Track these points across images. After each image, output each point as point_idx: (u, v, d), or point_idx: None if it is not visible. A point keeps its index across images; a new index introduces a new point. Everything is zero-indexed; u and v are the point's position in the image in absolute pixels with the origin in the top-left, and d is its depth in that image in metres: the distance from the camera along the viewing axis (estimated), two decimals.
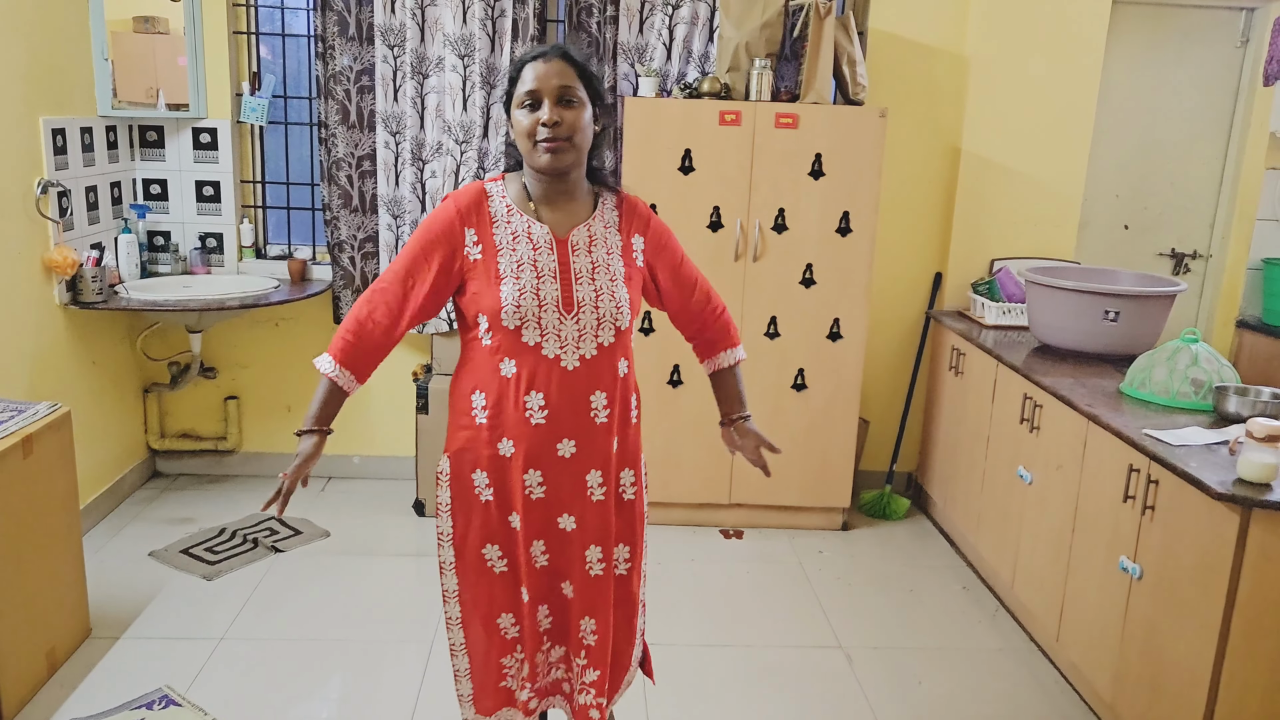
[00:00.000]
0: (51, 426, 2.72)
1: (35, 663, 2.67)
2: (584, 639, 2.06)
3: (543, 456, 1.94)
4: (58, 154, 3.42)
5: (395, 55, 3.84)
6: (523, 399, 1.91)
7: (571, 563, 2.03)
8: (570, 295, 1.91)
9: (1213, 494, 2.20)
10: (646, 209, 2.07)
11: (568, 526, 2.00)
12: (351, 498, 4.09)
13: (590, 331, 1.92)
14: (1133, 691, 2.54)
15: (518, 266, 1.90)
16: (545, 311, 1.89)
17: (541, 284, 1.89)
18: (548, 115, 1.85)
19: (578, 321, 1.91)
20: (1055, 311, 3.36)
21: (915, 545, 3.87)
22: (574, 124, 1.88)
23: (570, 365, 1.91)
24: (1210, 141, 4.23)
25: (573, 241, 1.94)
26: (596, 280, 1.93)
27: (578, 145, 1.89)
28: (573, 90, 1.88)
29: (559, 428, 1.93)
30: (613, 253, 1.98)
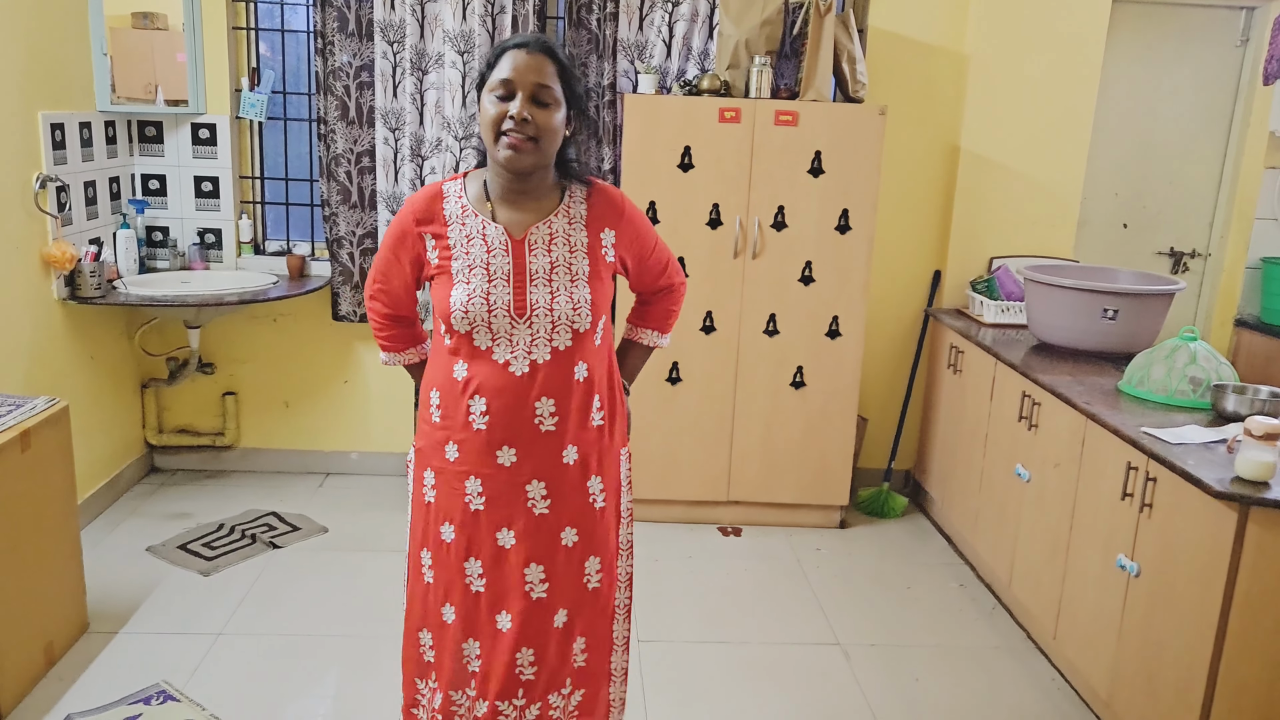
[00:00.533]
0: (49, 421, 2.72)
1: (33, 657, 2.67)
2: (520, 673, 1.93)
3: (481, 464, 1.87)
4: (56, 149, 3.42)
5: (395, 51, 3.84)
6: (467, 403, 1.85)
7: (509, 587, 1.91)
8: (524, 299, 1.83)
9: (1211, 492, 2.20)
10: (620, 200, 1.97)
11: (506, 543, 1.90)
12: (349, 494, 4.09)
13: (544, 336, 1.84)
14: (1130, 689, 2.54)
15: (469, 270, 1.83)
16: (495, 316, 1.82)
17: (493, 288, 1.82)
18: (518, 110, 1.76)
19: (530, 326, 1.83)
20: (1054, 310, 3.36)
21: (913, 543, 3.88)
22: (544, 125, 1.79)
23: (519, 371, 1.83)
24: (1209, 140, 4.24)
25: (530, 241, 1.85)
26: (554, 281, 1.85)
27: (543, 148, 1.80)
28: (549, 90, 1.79)
29: (497, 434, 1.85)
30: (576, 250, 1.88)
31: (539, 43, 1.81)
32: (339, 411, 4.24)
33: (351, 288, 4.02)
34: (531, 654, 1.93)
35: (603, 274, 1.92)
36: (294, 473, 4.26)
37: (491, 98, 1.80)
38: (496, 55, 1.82)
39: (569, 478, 1.91)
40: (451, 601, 1.93)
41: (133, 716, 2.56)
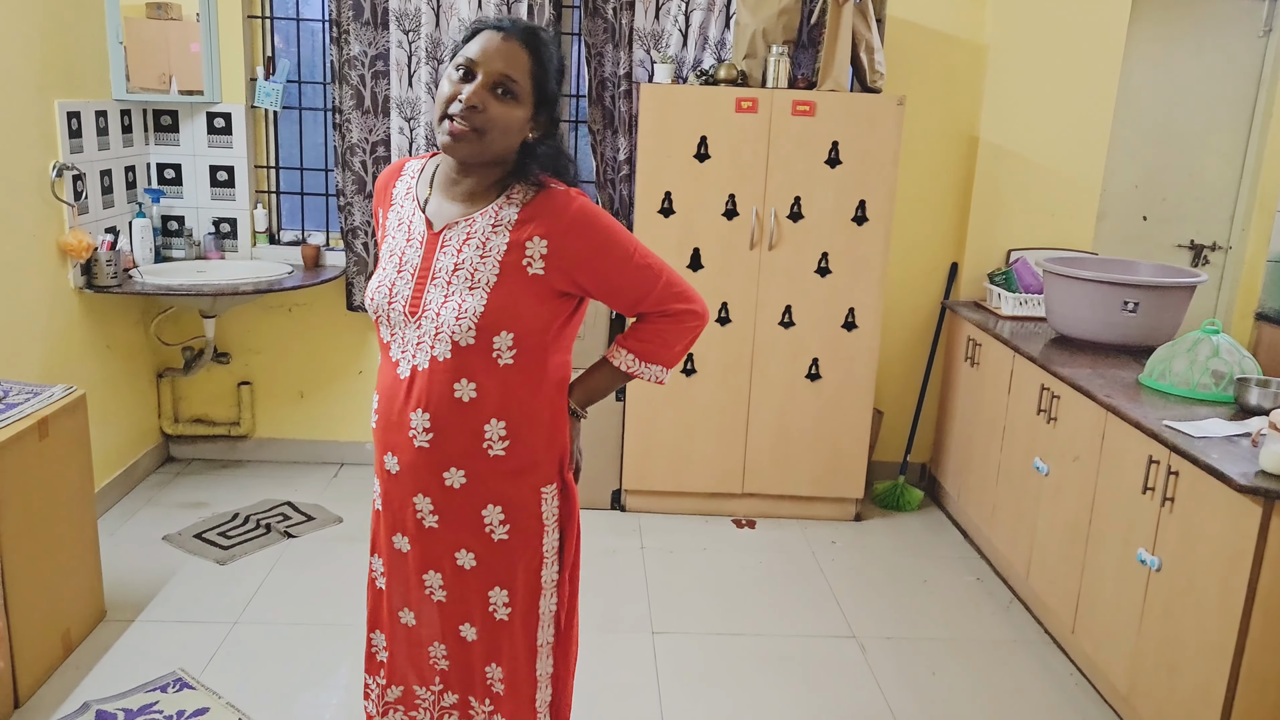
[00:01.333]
0: (67, 409, 2.72)
1: (51, 644, 2.68)
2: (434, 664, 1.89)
3: (379, 466, 1.80)
4: (72, 137, 3.42)
5: (410, 40, 3.82)
6: (373, 396, 1.79)
7: (409, 588, 1.85)
8: (419, 297, 1.68)
9: (1235, 486, 2.18)
10: (567, 208, 1.67)
11: (402, 547, 1.83)
12: (364, 484, 4.09)
13: (428, 341, 1.67)
14: (1149, 684, 2.52)
15: (388, 256, 1.74)
16: (394, 310, 1.70)
17: (399, 279, 1.70)
18: (469, 94, 1.58)
19: (419, 327, 1.68)
20: (1074, 302, 3.33)
21: (928, 536, 3.86)
22: (495, 118, 1.60)
23: (403, 374, 1.70)
24: (1230, 132, 4.19)
25: (445, 237, 1.68)
26: (452, 284, 1.66)
27: (487, 142, 1.62)
28: (513, 83, 1.61)
29: (385, 439, 1.76)
30: (488, 256, 1.65)
31: (521, 30, 1.63)
32: (354, 401, 4.24)
33: (366, 278, 4.02)
34: (444, 649, 1.87)
35: (515, 287, 1.65)
36: (309, 463, 4.27)
37: (451, 74, 1.63)
38: (473, 30, 1.65)
39: (455, 502, 1.75)
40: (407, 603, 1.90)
41: (149, 704, 2.57)
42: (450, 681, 1.90)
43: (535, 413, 1.75)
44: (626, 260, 1.72)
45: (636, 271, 1.73)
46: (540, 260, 1.66)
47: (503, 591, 1.81)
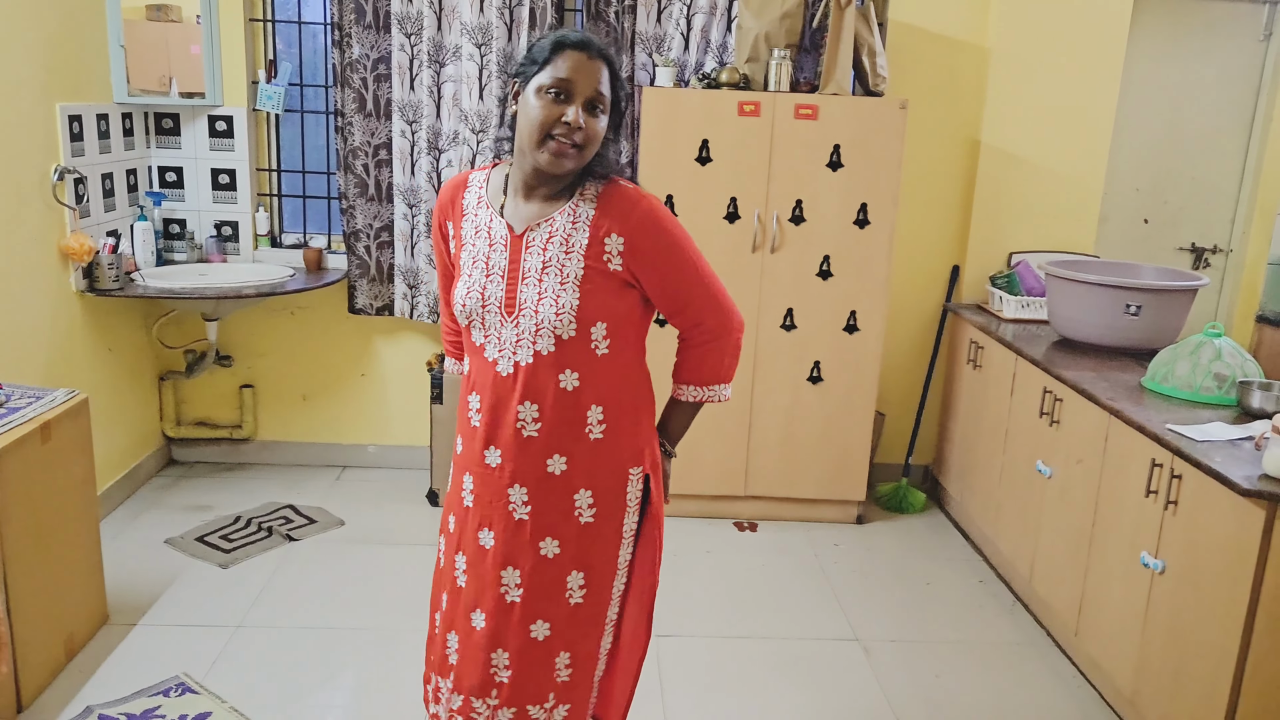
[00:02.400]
0: (70, 413, 2.72)
1: (54, 648, 2.68)
2: (494, 674, 1.88)
3: (473, 461, 1.86)
4: (74, 141, 3.42)
5: (412, 43, 3.82)
6: (467, 399, 1.86)
7: (484, 585, 1.88)
8: (513, 297, 1.77)
9: (1239, 490, 2.18)
10: (643, 205, 1.78)
11: (486, 543, 1.87)
12: (366, 487, 4.09)
13: (528, 337, 1.76)
14: (1154, 686, 2.52)
15: (472, 263, 1.81)
16: (489, 312, 1.79)
17: (489, 283, 1.79)
18: (574, 118, 1.68)
19: (517, 325, 1.77)
20: (1076, 305, 3.34)
21: (931, 539, 3.86)
22: (593, 134, 1.72)
23: (505, 371, 1.79)
24: (1232, 136, 4.20)
25: (528, 238, 1.78)
26: (544, 282, 1.76)
27: (586, 155, 1.73)
28: (604, 99, 1.73)
29: (485, 434, 1.83)
30: (572, 252, 1.76)
31: (598, 47, 1.73)
32: (356, 404, 4.24)
33: (368, 281, 4.02)
34: (506, 657, 1.88)
35: (600, 281, 1.76)
36: (311, 465, 4.27)
37: (544, 97, 1.69)
38: (552, 51, 1.71)
39: (553, 487, 1.83)
40: (446, 591, 1.96)
41: (152, 708, 2.56)
42: (506, 695, 1.89)
43: (627, 398, 1.87)
44: (687, 266, 1.83)
45: (694, 282, 1.85)
46: (618, 256, 1.77)
47: (579, 575, 1.88)
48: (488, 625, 1.88)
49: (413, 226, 3.98)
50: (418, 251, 3.99)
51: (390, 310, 4.07)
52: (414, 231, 3.98)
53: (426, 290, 4.01)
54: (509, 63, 3.80)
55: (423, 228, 3.97)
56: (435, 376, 3.82)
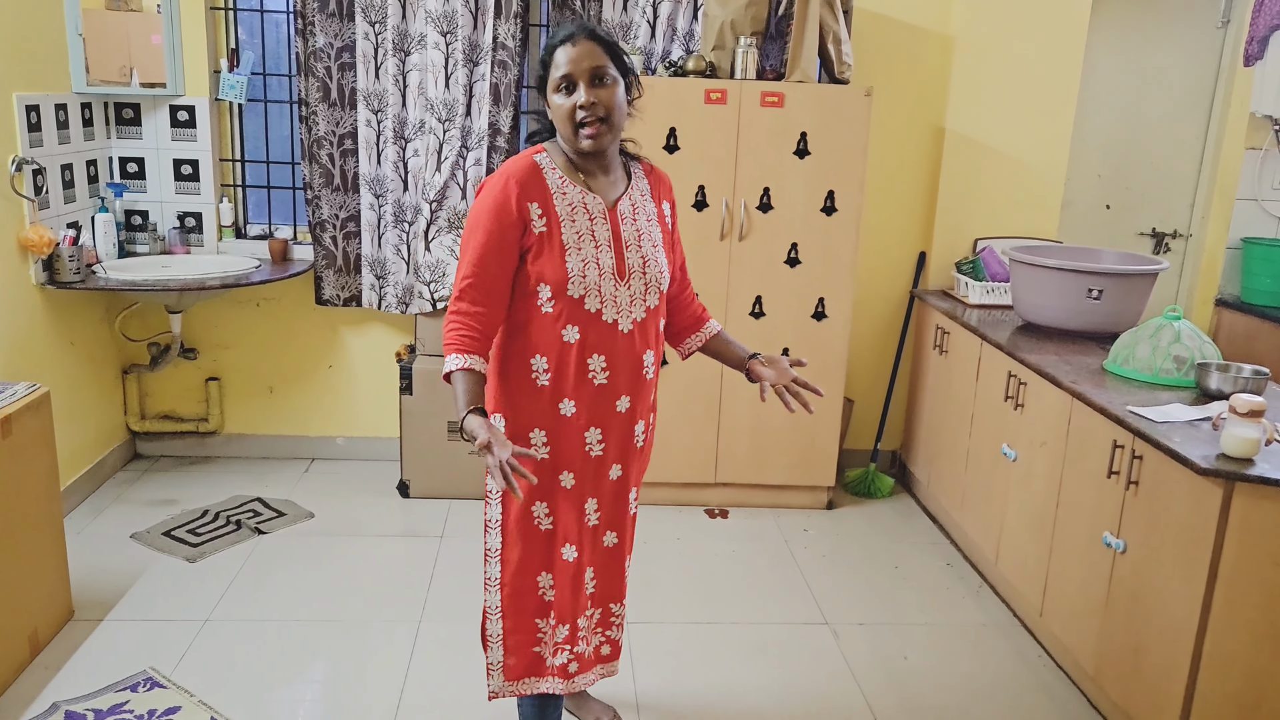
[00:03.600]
0: (30, 407, 2.68)
1: (17, 645, 2.64)
2: (627, 575, 2.25)
3: (602, 414, 2.05)
4: (32, 131, 3.36)
5: (376, 32, 3.79)
6: (586, 362, 2.00)
7: (622, 508, 2.17)
8: (623, 263, 2.01)
9: (1196, 469, 2.22)
10: (668, 178, 2.19)
11: (615, 475, 2.13)
12: (335, 479, 4.07)
13: (640, 296, 2.03)
14: (1115, 664, 2.57)
15: (578, 238, 1.97)
16: (604, 280, 1.98)
17: (600, 253, 1.98)
18: (584, 97, 1.90)
19: (629, 287, 2.01)
20: (1039, 290, 3.38)
21: (900, 523, 3.90)
22: (609, 102, 1.92)
23: (625, 329, 2.02)
24: (1191, 122, 4.26)
25: (620, 210, 2.02)
26: (643, 247, 2.03)
27: (615, 124, 1.95)
28: (604, 69, 1.93)
29: (618, 387, 2.04)
30: (651, 220, 2.07)
31: (582, 30, 1.94)
32: (324, 396, 4.21)
33: (335, 271, 3.99)
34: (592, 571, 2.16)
35: (668, 242, 2.13)
36: (279, 458, 4.24)
37: (559, 95, 1.94)
38: (549, 54, 1.96)
39: (649, 416, 2.17)
40: (571, 540, 2.10)
41: (120, 703, 2.54)
42: (595, 599, 2.18)
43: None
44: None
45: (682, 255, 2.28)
46: (669, 219, 2.15)
47: (633, 490, 2.20)
48: (580, 553, 2.12)
49: (379, 216, 3.95)
50: (384, 241, 3.96)
51: (358, 301, 4.04)
52: (380, 221, 3.95)
53: (394, 280, 3.99)
54: (475, 51, 3.78)
55: (390, 218, 3.94)
56: (405, 367, 3.81)
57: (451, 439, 3.84)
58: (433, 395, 3.79)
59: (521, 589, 2.11)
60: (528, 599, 2.11)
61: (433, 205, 3.86)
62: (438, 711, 2.59)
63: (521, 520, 2.07)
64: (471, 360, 1.92)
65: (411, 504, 3.85)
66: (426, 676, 2.74)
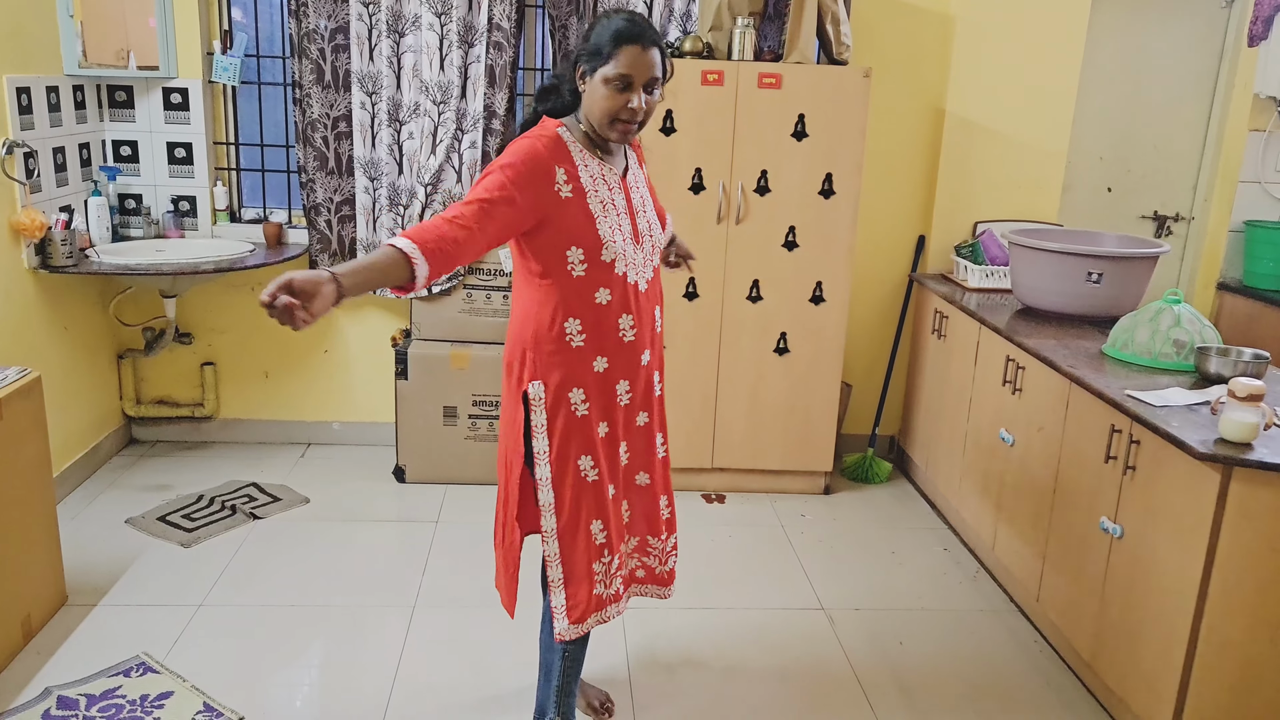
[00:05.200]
0: (21, 392, 2.67)
1: (10, 631, 2.64)
2: (663, 514, 2.38)
3: (630, 367, 2.18)
4: (23, 113, 3.33)
5: (370, 13, 3.76)
6: (617, 321, 2.12)
7: (651, 452, 2.32)
8: (637, 228, 2.14)
9: (1194, 454, 2.20)
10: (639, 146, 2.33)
11: (642, 422, 2.28)
12: (331, 464, 4.06)
13: (650, 256, 2.18)
14: (1112, 650, 2.55)
15: (604, 206, 2.07)
16: (626, 245, 2.11)
17: (620, 220, 2.10)
18: (638, 103, 2.00)
19: (642, 249, 2.15)
20: (1038, 274, 3.35)
21: (897, 508, 3.88)
22: (651, 110, 2.05)
23: (643, 288, 2.16)
24: (1194, 103, 4.22)
25: (629, 181, 2.16)
26: (647, 213, 2.19)
27: (643, 127, 2.08)
28: (658, 81, 2.03)
29: (641, 342, 2.18)
30: (645, 187, 2.24)
31: (650, 35, 2.00)
32: (320, 381, 4.20)
33: (330, 255, 3.97)
34: (626, 504, 2.31)
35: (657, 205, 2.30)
36: (275, 443, 4.23)
37: (610, 89, 1.99)
38: (613, 44, 1.97)
39: (648, 373, 2.27)
40: (614, 483, 2.22)
41: (113, 688, 2.54)
42: (631, 528, 2.34)
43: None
44: None
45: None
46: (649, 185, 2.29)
47: (659, 434, 2.35)
48: (617, 490, 2.23)
49: (374, 200, 3.92)
50: (379, 225, 3.94)
51: None
52: (375, 205, 3.93)
53: None
54: (469, 32, 3.74)
55: (384, 201, 3.91)
56: (400, 352, 3.79)
57: (448, 424, 3.82)
58: (428, 380, 3.77)
59: (577, 538, 2.17)
60: (584, 546, 2.17)
61: (428, 188, 3.83)
62: (432, 696, 2.58)
63: (573, 475, 2.14)
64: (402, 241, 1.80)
65: (407, 489, 3.84)
66: (421, 661, 2.73)
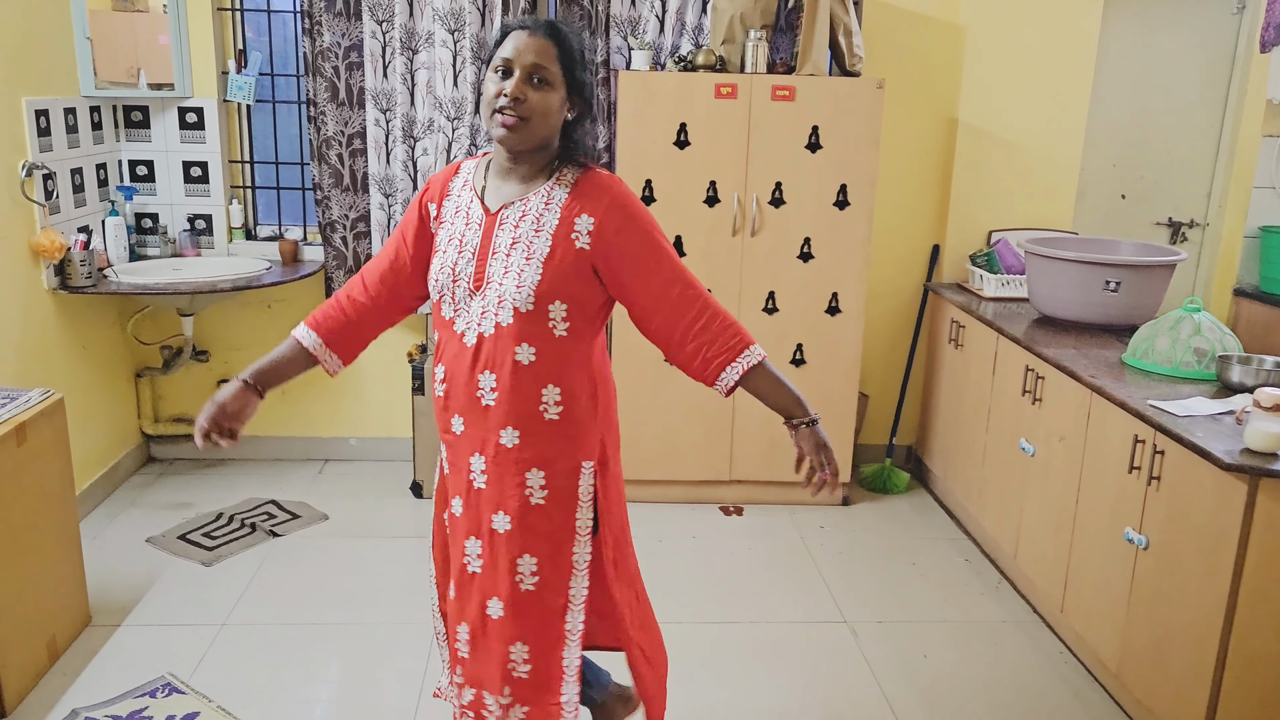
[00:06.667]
0: (45, 413, 2.68)
1: (36, 652, 2.64)
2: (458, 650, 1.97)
3: (445, 431, 1.95)
4: (41, 135, 3.36)
5: (384, 30, 3.77)
6: (435, 369, 1.93)
7: (459, 551, 1.95)
8: (483, 272, 1.84)
9: (1220, 464, 2.19)
10: (614, 190, 1.84)
11: (457, 510, 1.95)
12: (349, 480, 4.06)
13: (492, 309, 1.82)
14: (1139, 660, 2.54)
15: (448, 241, 1.90)
16: (458, 287, 1.85)
17: (460, 258, 1.86)
18: (512, 88, 1.77)
19: (484, 298, 1.83)
20: (1056, 283, 3.34)
21: (916, 518, 3.87)
22: (536, 106, 1.77)
23: (470, 342, 1.85)
24: (1207, 109, 4.21)
25: (501, 216, 1.85)
26: (511, 257, 1.82)
27: (532, 127, 1.78)
28: (546, 70, 1.78)
29: (452, 403, 1.90)
30: (542, 230, 1.81)
31: (544, 25, 1.81)
32: (337, 397, 4.21)
33: (346, 272, 3.98)
34: (466, 630, 1.94)
35: (568, 263, 1.80)
36: (292, 460, 4.23)
37: (492, 76, 1.82)
38: (503, 34, 1.83)
39: (506, 460, 1.86)
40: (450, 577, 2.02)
41: (139, 710, 2.54)
42: (468, 674, 1.95)
43: (584, 385, 1.89)
44: (660, 256, 1.84)
45: (671, 278, 1.84)
46: (586, 235, 1.82)
47: (531, 560, 1.88)
48: (456, 593, 1.95)
49: (389, 216, 3.94)
50: None
51: None
52: (390, 221, 3.94)
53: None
54: (482, 48, 3.76)
55: (399, 218, 3.93)
56: (416, 367, 3.79)
57: None
58: None
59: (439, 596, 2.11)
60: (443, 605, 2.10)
61: None
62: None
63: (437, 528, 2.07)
64: (303, 333, 1.99)
65: (425, 504, 3.85)
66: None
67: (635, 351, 3.61)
